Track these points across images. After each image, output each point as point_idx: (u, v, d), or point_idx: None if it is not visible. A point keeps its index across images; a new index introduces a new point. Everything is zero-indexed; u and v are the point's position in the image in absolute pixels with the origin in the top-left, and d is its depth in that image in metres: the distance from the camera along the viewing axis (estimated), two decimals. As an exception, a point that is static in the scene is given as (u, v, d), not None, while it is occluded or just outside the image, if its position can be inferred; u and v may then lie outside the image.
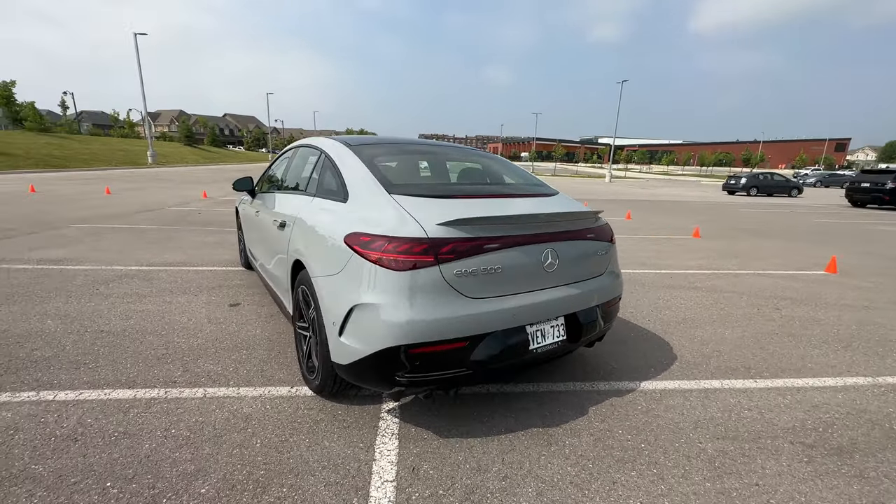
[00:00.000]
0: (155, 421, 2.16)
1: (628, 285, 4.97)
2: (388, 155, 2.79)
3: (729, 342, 3.42)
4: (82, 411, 2.21)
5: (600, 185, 30.64)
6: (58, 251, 5.69)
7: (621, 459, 1.99)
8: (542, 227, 2.16)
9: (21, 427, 2.07)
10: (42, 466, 1.82)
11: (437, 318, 1.81)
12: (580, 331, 2.27)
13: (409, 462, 1.93)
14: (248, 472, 1.83)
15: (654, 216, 12.46)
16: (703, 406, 2.47)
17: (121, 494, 1.68)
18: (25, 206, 9.71)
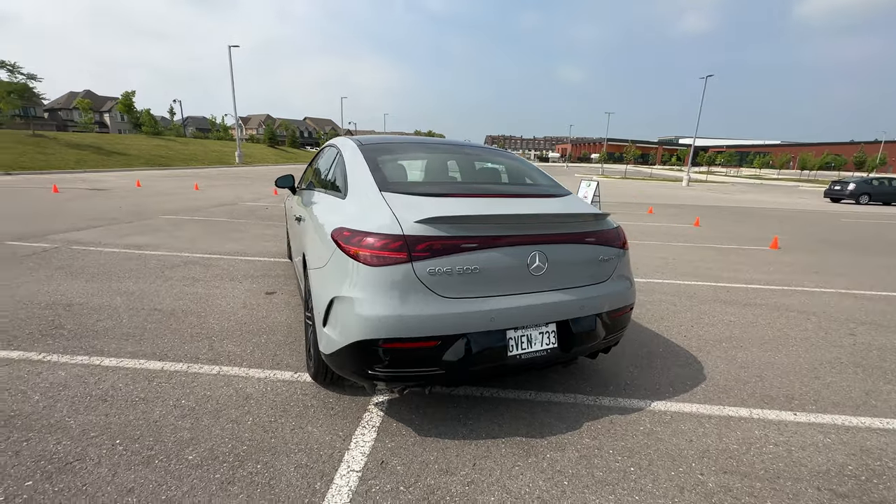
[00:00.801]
0: (171, 391, 2.41)
1: (672, 297, 4.57)
2: (396, 154, 2.83)
3: (776, 368, 3.01)
4: (117, 377, 2.53)
5: (674, 188, 28.37)
6: (143, 238, 6.53)
7: (602, 481, 1.85)
8: (528, 228, 2.06)
9: (69, 385, 2.43)
10: (73, 420, 2.11)
11: (408, 316, 1.82)
12: (574, 340, 2.14)
13: (380, 455, 1.96)
14: (232, 446, 1.97)
15: (729, 224, 11.31)
16: (719, 435, 2.21)
17: (124, 452, 1.90)
18: (130, 199, 11.25)
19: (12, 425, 2.05)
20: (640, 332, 3.56)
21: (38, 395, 2.31)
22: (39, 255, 5.28)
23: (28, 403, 2.24)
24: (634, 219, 11.54)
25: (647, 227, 9.95)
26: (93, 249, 5.66)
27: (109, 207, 9.64)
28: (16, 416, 2.12)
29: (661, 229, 9.72)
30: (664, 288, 4.94)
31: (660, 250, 7.24)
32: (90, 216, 8.38)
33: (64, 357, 2.73)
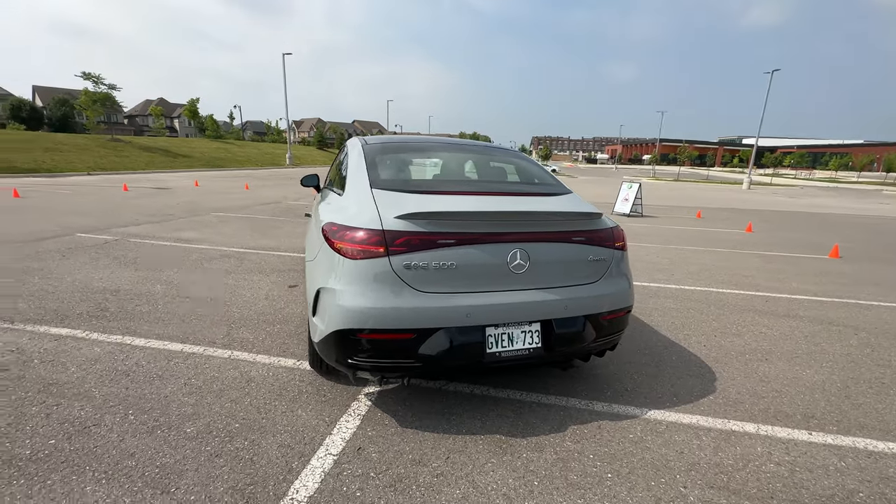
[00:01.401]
0: (185, 371, 2.62)
1: (701, 305, 4.32)
2: (395, 153, 2.90)
3: (801, 384, 2.77)
4: (142, 355, 2.79)
5: (732, 192, 26.51)
6: (191, 233, 7.09)
7: (575, 484, 1.81)
8: (509, 225, 2.05)
9: (100, 360, 2.71)
10: (98, 391, 2.37)
11: (383, 307, 1.88)
12: (558, 341, 2.11)
13: (359, 441, 2.04)
14: (226, 423, 2.13)
15: (786, 230, 10.44)
16: (715, 449, 2.08)
17: (134, 421, 2.11)
18: (187, 197, 12.23)
19: (48, 391, 2.33)
20: (654, 339, 3.40)
21: (74, 367, 2.60)
22: (101, 246, 5.89)
23: (65, 374, 2.53)
24: (679, 223, 10.94)
25: (690, 232, 9.41)
26: (146, 242, 6.23)
27: (168, 205, 10.53)
28: (53, 385, 2.41)
29: (706, 234, 9.16)
30: (694, 295, 4.68)
31: (698, 256, 6.84)
32: (150, 212, 9.20)
33: (102, 336, 3.05)
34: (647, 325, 3.70)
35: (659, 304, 4.30)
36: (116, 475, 1.76)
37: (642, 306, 4.21)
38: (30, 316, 3.35)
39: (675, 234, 9.11)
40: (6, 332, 3.05)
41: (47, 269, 4.67)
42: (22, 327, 3.14)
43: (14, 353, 2.76)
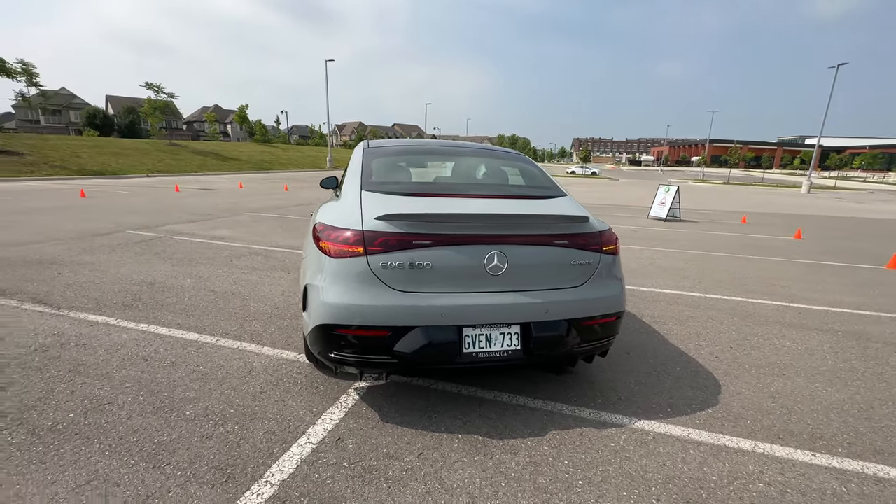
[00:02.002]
0: (195, 358, 2.83)
1: (723, 315, 4.10)
2: (393, 157, 2.98)
3: (817, 402, 2.58)
4: (161, 342, 3.04)
5: (788, 196, 24.66)
6: (226, 231, 7.55)
7: (542, 488, 1.80)
8: (486, 227, 2.07)
9: (125, 345, 2.98)
10: (118, 373, 2.61)
11: (360, 305, 1.95)
12: (537, 344, 2.10)
13: (339, 433, 2.12)
14: (222, 408, 2.28)
15: (842, 238, 9.63)
16: (702, 464, 1.99)
17: (143, 401, 2.31)
18: (231, 198, 13.00)
19: (76, 371, 2.60)
20: (662, 349, 3.27)
21: (101, 351, 2.88)
22: (147, 242, 6.40)
23: (93, 356, 2.80)
24: (720, 228, 10.37)
25: (729, 238, 8.89)
26: (186, 239, 6.71)
27: (211, 205, 11.25)
28: (81, 365, 2.68)
29: (748, 241, 8.62)
30: (718, 304, 4.44)
31: (733, 263, 6.46)
32: (194, 211, 9.87)
33: (131, 324, 3.35)
34: (657, 334, 3.57)
35: (676, 313, 4.13)
36: (118, 449, 1.94)
37: (657, 314, 4.06)
38: (74, 304, 3.72)
39: (712, 239, 8.64)
40: (52, 318, 3.41)
41: (97, 262, 5.15)
42: (66, 314, 3.50)
43: (55, 336, 3.08)
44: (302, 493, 1.73)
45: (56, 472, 1.79)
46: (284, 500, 1.70)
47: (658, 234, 9.20)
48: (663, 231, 9.63)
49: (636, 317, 3.97)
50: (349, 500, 1.70)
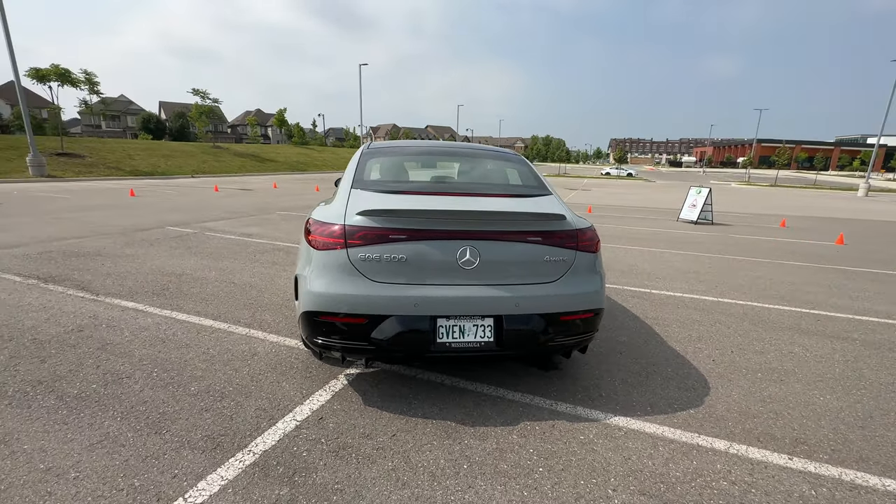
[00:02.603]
0: (207, 342, 3.09)
1: (733, 319, 3.99)
2: (387, 157, 3.13)
3: (812, 409, 2.51)
4: (179, 327, 3.33)
5: (841, 199, 23.00)
6: (254, 228, 8.00)
7: (502, 472, 1.89)
8: (459, 223, 2.17)
9: (148, 328, 3.29)
10: (139, 351, 2.90)
11: (340, 294, 2.11)
12: (509, 337, 2.18)
13: (322, 413, 2.29)
14: (223, 387, 2.51)
15: (891, 245, 8.96)
16: (668, 461, 2.01)
17: (157, 378, 2.57)
18: (264, 197, 13.66)
19: (104, 349, 2.91)
20: (658, 350, 3.25)
21: (127, 332, 3.20)
22: (182, 237, 6.90)
23: (120, 336, 3.12)
24: (754, 232, 9.90)
25: (762, 243, 8.49)
26: (217, 235, 7.18)
27: (245, 204, 11.88)
28: (108, 344, 2.99)
29: (783, 246, 8.21)
30: (730, 309, 4.31)
31: (759, 268, 6.20)
32: (229, 209, 10.48)
33: (155, 309, 3.68)
34: (656, 336, 3.53)
35: (682, 316, 4.05)
36: (128, 416, 2.19)
37: (661, 316, 4.00)
38: (111, 291, 4.12)
39: (742, 243, 8.28)
40: (91, 303, 3.79)
41: (136, 254, 5.63)
42: (102, 299, 3.88)
43: (90, 318, 3.44)
44: (279, 463, 1.90)
45: (75, 432, 2.05)
46: (263, 467, 1.87)
47: (683, 237, 8.91)
48: (690, 234, 9.32)
49: (638, 318, 3.94)
50: (320, 472, 1.86)
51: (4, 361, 2.71)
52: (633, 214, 12.79)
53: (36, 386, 2.44)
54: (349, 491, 1.76)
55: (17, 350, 2.86)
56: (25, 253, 5.48)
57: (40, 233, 6.83)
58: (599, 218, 11.52)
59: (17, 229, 7.09)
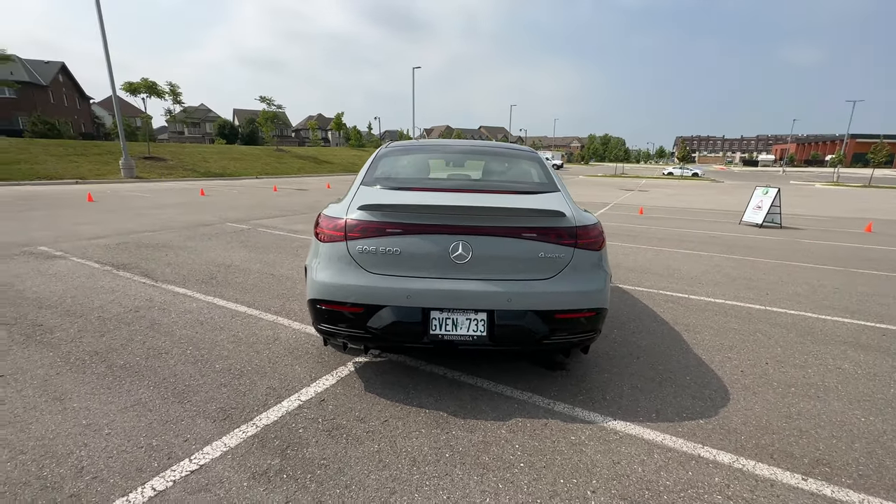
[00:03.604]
0: (238, 326, 3.38)
1: (777, 329, 3.67)
2: (401, 155, 3.22)
3: (846, 430, 2.26)
4: (217, 312, 3.67)
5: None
6: (301, 225, 8.51)
7: (482, 464, 1.91)
8: (452, 218, 2.20)
9: (192, 311, 3.66)
10: (179, 331, 3.24)
11: (339, 283, 2.24)
12: (500, 332, 2.19)
13: (325, 395, 2.44)
14: (242, 367, 2.74)
15: None
16: (659, 468, 1.92)
17: (189, 355, 2.87)
18: (316, 196, 14.44)
19: (152, 327, 3.29)
20: (680, 357, 3.07)
21: (174, 314, 3.58)
22: (237, 232, 7.52)
23: (167, 318, 3.50)
24: (831, 237, 8.92)
25: (836, 249, 7.63)
26: (267, 231, 7.73)
27: (298, 202, 12.64)
28: (156, 324, 3.37)
29: (860, 252, 7.32)
30: (777, 318, 3.96)
31: (825, 276, 5.60)
32: (283, 208, 11.21)
33: (201, 295, 4.07)
34: (683, 342, 3.33)
35: (718, 323, 3.78)
36: (160, 386, 2.47)
37: (695, 323, 3.76)
38: (168, 278, 4.61)
39: (811, 249, 7.49)
40: (149, 288, 4.28)
41: (195, 247, 6.23)
42: (159, 285, 4.36)
43: (146, 301, 3.89)
44: (276, 436, 2.06)
45: (114, 396, 2.36)
46: (262, 439, 2.04)
47: (742, 240, 8.22)
48: (750, 238, 8.57)
49: (667, 323, 3.73)
50: (310, 448, 1.99)
51: (74, 334, 3.15)
52: (690, 216, 11.98)
53: (93, 356, 2.82)
54: (333, 467, 1.87)
55: (85, 325, 3.32)
56: (107, 244, 6.27)
57: (121, 227, 7.76)
58: (649, 220, 10.93)
59: (104, 223, 8.11)
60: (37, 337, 3.09)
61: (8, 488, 1.70)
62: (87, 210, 9.81)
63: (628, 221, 10.52)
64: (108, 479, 1.76)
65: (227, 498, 1.68)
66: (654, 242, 7.70)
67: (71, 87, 47.54)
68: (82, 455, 1.89)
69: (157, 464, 1.85)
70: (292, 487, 1.75)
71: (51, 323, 3.34)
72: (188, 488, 1.73)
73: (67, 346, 2.94)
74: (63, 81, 45.58)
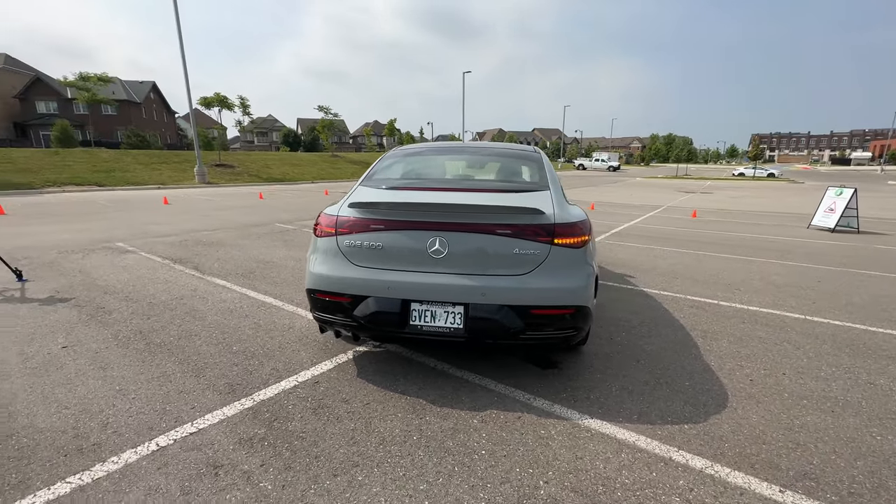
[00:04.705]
0: (261, 315, 3.72)
1: (808, 340, 3.39)
2: (406, 156, 3.39)
3: (852, 447, 2.08)
4: (246, 302, 4.06)
5: None
6: (342, 226, 8.98)
7: (445, 449, 2.01)
8: (429, 215, 2.31)
9: (225, 301, 4.08)
10: (211, 317, 3.64)
11: (329, 275, 2.44)
12: (475, 325, 2.26)
13: (320, 378, 2.65)
14: (255, 350, 3.04)
15: None
16: (623, 467, 1.90)
17: (213, 336, 3.23)
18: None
19: (189, 313, 3.72)
20: (684, 362, 2.94)
21: (210, 303, 4.01)
22: (283, 232, 8.12)
23: (203, 305, 3.94)
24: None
25: (915, 256, 6.73)
26: (309, 231, 8.27)
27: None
28: (194, 310, 3.81)
29: (947, 260, 6.40)
30: (816, 329, 3.63)
31: (892, 287, 4.99)
32: (329, 210, 11.87)
33: (237, 287, 4.51)
34: (694, 348, 3.18)
35: (742, 331, 3.55)
36: (183, 363, 2.83)
37: (715, 329, 3.56)
38: (213, 271, 5.14)
39: (887, 257, 6.67)
40: (196, 279, 4.80)
41: (244, 244, 6.84)
42: (205, 277, 4.88)
43: (190, 290, 4.39)
44: (267, 410, 2.30)
45: (146, 368, 2.73)
46: (255, 411, 2.29)
47: (803, 246, 7.49)
48: (814, 243, 7.78)
49: (683, 328, 3.57)
50: (294, 422, 2.20)
51: (126, 316, 3.66)
52: (750, 220, 11.07)
53: (137, 334, 3.27)
54: (309, 439, 2.06)
55: (136, 309, 3.83)
56: (171, 241, 7.07)
57: (186, 226, 8.68)
58: (701, 224, 10.25)
59: (173, 223, 9.11)
60: (98, 317, 3.62)
61: (49, 434, 2.07)
62: (161, 212, 11.05)
63: (675, 225, 9.95)
64: (124, 433, 2.08)
65: (213, 457, 1.93)
66: (698, 247, 7.25)
67: (160, 103, 53.38)
68: (109, 413, 2.24)
69: (165, 425, 2.15)
70: (269, 453, 1.96)
71: (111, 306, 3.89)
72: (184, 447, 2.00)
73: (119, 326, 3.43)
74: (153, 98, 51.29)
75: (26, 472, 1.82)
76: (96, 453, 1.94)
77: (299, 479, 1.81)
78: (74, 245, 6.58)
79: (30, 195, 15.45)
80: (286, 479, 1.80)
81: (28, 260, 5.55)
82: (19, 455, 1.92)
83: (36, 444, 2.00)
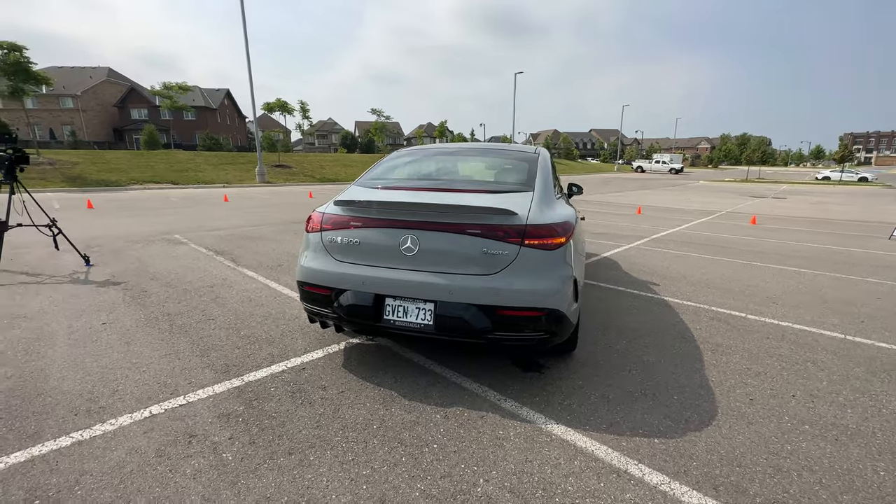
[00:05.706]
0: (275, 305, 4.00)
1: (837, 360, 3.06)
2: (402, 157, 3.49)
3: (846, 479, 1.88)
4: (266, 292, 4.37)
5: None
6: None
7: (399, 439, 2.08)
8: (402, 214, 2.38)
9: (248, 290, 4.42)
10: (232, 304, 3.97)
11: (313, 268, 2.59)
12: (443, 322, 2.31)
13: (306, 365, 2.82)
14: (259, 336, 3.29)
15: None
16: (571, 475, 1.86)
17: (228, 322, 3.53)
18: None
19: (214, 300, 4.09)
20: (681, 377, 2.78)
21: (235, 291, 4.37)
22: (319, 229, 8.57)
23: (228, 293, 4.30)
24: None
25: None
26: (344, 229, 8.66)
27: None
28: (218, 297, 4.18)
29: None
30: (854, 350, 3.26)
31: (966, 307, 4.33)
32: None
33: (262, 279, 4.86)
34: (697, 362, 2.99)
35: (761, 347, 3.27)
36: (195, 342, 3.13)
37: (730, 344, 3.31)
38: (247, 263, 5.58)
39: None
40: (230, 270, 5.24)
41: (282, 239, 7.32)
42: (238, 268, 5.31)
43: (221, 279, 4.80)
44: (252, 389, 2.50)
45: (163, 346, 3.07)
46: (240, 390, 2.50)
47: (873, 259, 6.66)
48: (891, 256, 6.88)
49: (692, 341, 3.35)
50: (271, 402, 2.38)
51: (162, 299, 4.09)
52: (822, 229, 9.98)
53: (165, 316, 3.66)
54: (279, 418, 2.22)
55: (171, 293, 4.27)
56: (219, 235, 7.73)
57: (236, 221, 9.43)
58: (759, 231, 9.42)
59: (227, 218, 9.93)
60: (139, 299, 4.09)
61: (69, 396, 2.40)
62: (220, 208, 12.08)
63: (728, 231, 9.22)
64: (127, 400, 2.37)
65: (192, 427, 2.14)
66: (749, 256, 6.69)
67: (232, 109, 58.09)
68: (121, 382, 2.56)
69: (161, 396, 2.42)
70: (240, 429, 2.14)
71: (152, 290, 4.37)
72: (171, 416, 2.23)
73: (152, 308, 3.85)
74: (227, 104, 55.95)
75: (42, 426, 2.13)
76: (100, 415, 2.23)
77: (258, 453, 1.96)
78: (140, 236, 7.41)
79: (116, 192, 17.53)
80: (246, 453, 1.96)
81: (99, 248, 6.35)
82: (41, 410, 2.26)
83: (56, 403, 2.33)
